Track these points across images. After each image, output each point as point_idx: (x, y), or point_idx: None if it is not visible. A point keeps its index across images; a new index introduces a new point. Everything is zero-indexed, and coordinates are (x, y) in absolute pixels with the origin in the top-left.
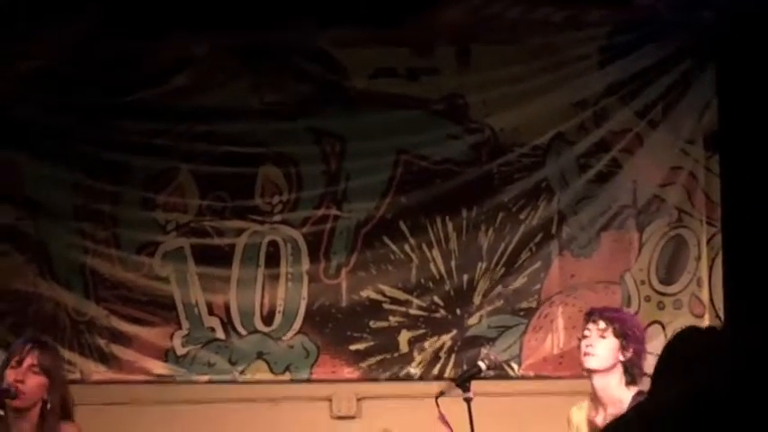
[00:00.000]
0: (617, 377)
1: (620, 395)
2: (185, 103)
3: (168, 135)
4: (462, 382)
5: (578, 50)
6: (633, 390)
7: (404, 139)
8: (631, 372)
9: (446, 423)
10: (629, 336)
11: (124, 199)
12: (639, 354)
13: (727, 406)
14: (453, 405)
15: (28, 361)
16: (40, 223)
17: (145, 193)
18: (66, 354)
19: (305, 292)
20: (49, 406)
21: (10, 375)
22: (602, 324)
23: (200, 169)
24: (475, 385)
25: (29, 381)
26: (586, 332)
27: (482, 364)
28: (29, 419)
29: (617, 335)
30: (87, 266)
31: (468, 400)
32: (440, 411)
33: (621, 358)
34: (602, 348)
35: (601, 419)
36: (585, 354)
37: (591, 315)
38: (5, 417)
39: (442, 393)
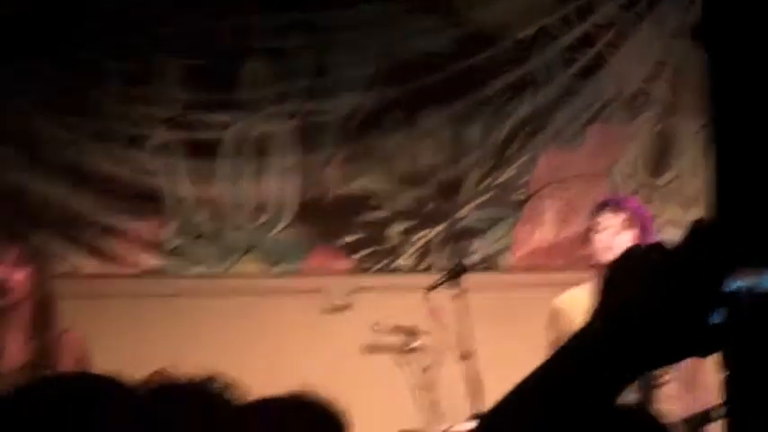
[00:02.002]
0: None
1: None
2: None
3: (154, 26)
4: (452, 277)
5: None
6: None
7: (389, 33)
8: None
9: (436, 316)
10: (644, 227)
11: (111, 93)
12: None
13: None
14: (444, 298)
15: (10, 256)
16: (28, 115)
17: (132, 87)
18: (58, 247)
19: (295, 185)
20: (38, 296)
21: None
22: (621, 217)
23: (187, 62)
24: (466, 278)
25: (15, 275)
26: (601, 224)
27: (472, 260)
28: (20, 316)
29: (635, 228)
30: (78, 159)
31: (459, 295)
32: (431, 306)
33: None
34: (622, 242)
35: None
36: (607, 249)
37: (606, 206)
38: None
39: (432, 287)
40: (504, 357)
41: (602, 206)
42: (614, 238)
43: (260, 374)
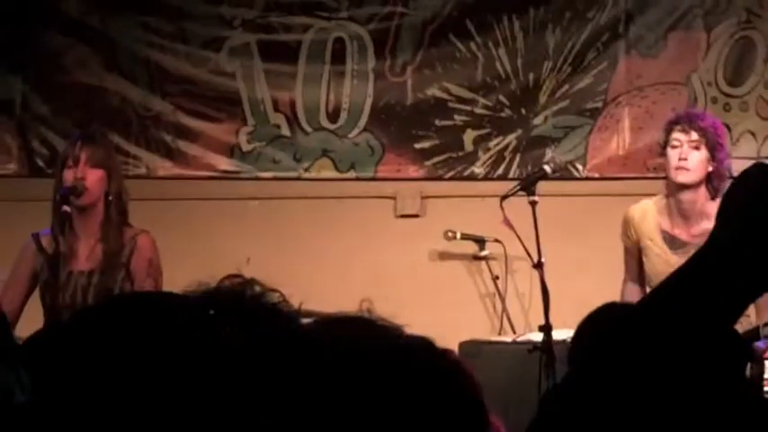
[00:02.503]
0: (704, 190)
1: (709, 210)
2: None
3: None
4: (527, 186)
5: None
6: (717, 203)
7: None
8: (714, 184)
9: (510, 226)
10: (718, 145)
11: None
12: (723, 163)
13: None
14: (517, 206)
15: (83, 157)
16: (105, 16)
17: None
18: (133, 148)
19: (370, 90)
20: (110, 197)
21: (69, 175)
22: (694, 135)
23: None
24: (539, 186)
25: (89, 176)
26: (675, 142)
27: (547, 168)
28: (93, 217)
29: (709, 146)
30: (153, 61)
31: (533, 204)
32: (504, 215)
33: (710, 168)
34: (694, 161)
35: (685, 235)
36: (679, 168)
37: (678, 123)
38: (70, 217)
39: (506, 195)
40: (577, 267)
41: (675, 122)
42: (687, 154)
43: (331, 279)
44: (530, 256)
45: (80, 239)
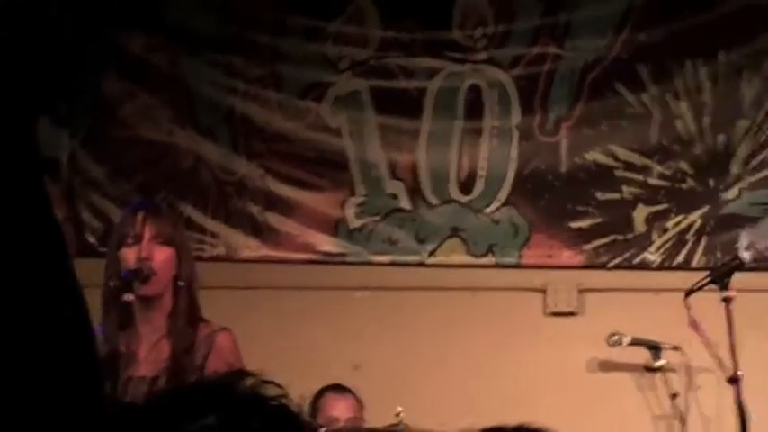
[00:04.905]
0: None
1: None
2: None
3: None
4: (719, 278)
5: None
6: None
7: None
8: None
9: (697, 329)
10: None
11: (286, 27)
12: None
13: None
14: (706, 304)
15: (147, 233)
16: (177, 55)
17: (312, 20)
18: (210, 223)
19: (514, 153)
20: (180, 283)
21: (130, 255)
22: None
23: None
24: (734, 278)
25: (156, 255)
26: None
27: (745, 255)
28: (159, 309)
29: None
30: (237, 112)
31: (726, 300)
32: (690, 315)
33: None
34: None
35: None
36: None
37: None
38: (131, 309)
39: (691, 290)
40: None
41: None
42: None
43: (462, 392)
44: (721, 367)
45: (141, 337)
